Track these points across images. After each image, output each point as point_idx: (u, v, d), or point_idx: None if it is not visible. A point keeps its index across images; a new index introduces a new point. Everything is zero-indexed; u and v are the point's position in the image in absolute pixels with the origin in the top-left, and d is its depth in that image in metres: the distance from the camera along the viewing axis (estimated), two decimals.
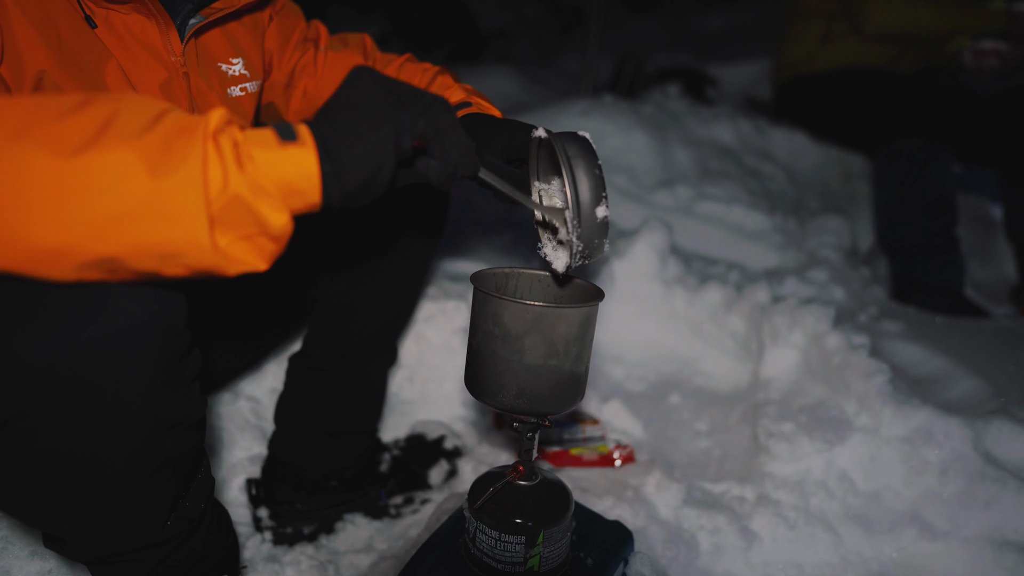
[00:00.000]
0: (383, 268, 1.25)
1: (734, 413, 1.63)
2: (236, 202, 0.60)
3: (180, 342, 0.73)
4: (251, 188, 0.61)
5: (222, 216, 0.60)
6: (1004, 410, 1.42)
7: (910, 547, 1.26)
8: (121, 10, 0.86)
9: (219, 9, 0.95)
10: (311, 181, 0.65)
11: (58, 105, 0.58)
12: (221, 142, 0.60)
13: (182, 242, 0.59)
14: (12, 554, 1.04)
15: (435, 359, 1.62)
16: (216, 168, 0.59)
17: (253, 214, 0.61)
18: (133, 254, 0.59)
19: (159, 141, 0.58)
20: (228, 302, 1.15)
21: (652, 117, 2.75)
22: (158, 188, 0.57)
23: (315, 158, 0.64)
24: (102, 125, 0.58)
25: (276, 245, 0.65)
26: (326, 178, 0.65)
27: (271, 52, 1.11)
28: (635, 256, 1.93)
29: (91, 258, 0.59)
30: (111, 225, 0.57)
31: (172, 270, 0.62)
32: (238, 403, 1.43)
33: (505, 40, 5.22)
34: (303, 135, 0.65)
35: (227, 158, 0.60)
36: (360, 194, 0.69)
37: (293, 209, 0.65)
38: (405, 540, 1.25)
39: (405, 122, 0.70)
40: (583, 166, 0.82)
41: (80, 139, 0.57)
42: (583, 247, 0.84)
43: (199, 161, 0.58)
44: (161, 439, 0.74)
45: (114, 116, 0.58)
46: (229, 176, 0.59)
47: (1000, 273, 2.72)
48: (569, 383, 0.90)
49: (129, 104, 0.60)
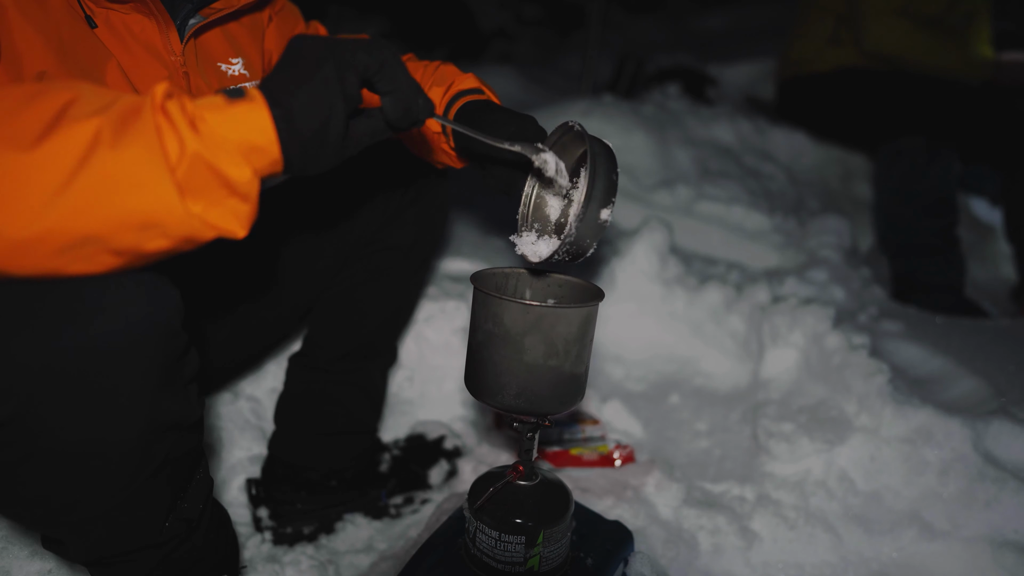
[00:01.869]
0: (383, 267, 1.25)
1: (734, 413, 1.63)
2: (197, 162, 0.60)
3: (177, 343, 0.73)
4: (207, 146, 0.61)
5: (188, 181, 0.60)
6: (1004, 410, 1.42)
7: (910, 547, 1.26)
8: (121, 10, 0.86)
9: (219, 9, 0.95)
10: (266, 134, 0.64)
11: (12, 98, 0.59)
12: (170, 109, 0.60)
13: (156, 209, 0.59)
14: (12, 554, 1.04)
15: (435, 359, 1.62)
16: (170, 135, 0.60)
17: (215, 171, 0.61)
18: (110, 229, 0.59)
19: (115, 117, 0.59)
20: (228, 301, 1.15)
21: (652, 117, 2.75)
22: (119, 158, 0.58)
23: (266, 110, 0.64)
24: (58, 112, 0.58)
25: (247, 205, 0.64)
26: (280, 129, 0.65)
27: (271, 52, 1.11)
28: (635, 256, 1.93)
29: (68, 241, 0.59)
30: (83, 203, 0.58)
31: (153, 243, 0.61)
32: (238, 403, 1.43)
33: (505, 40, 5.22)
34: (251, 92, 0.65)
35: (179, 124, 0.60)
36: (319, 147, 0.68)
37: (256, 167, 0.64)
38: (405, 540, 1.25)
39: (344, 57, 0.69)
40: (604, 166, 0.83)
41: (38, 129, 0.57)
42: (575, 239, 0.83)
43: (152, 131, 0.59)
44: (159, 440, 0.74)
45: (70, 103, 0.59)
46: (184, 140, 0.60)
47: (1000, 273, 2.72)
48: (569, 383, 0.90)
49: (83, 91, 0.61)
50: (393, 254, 1.25)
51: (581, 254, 0.87)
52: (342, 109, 0.69)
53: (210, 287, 1.10)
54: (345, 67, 0.68)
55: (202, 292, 1.09)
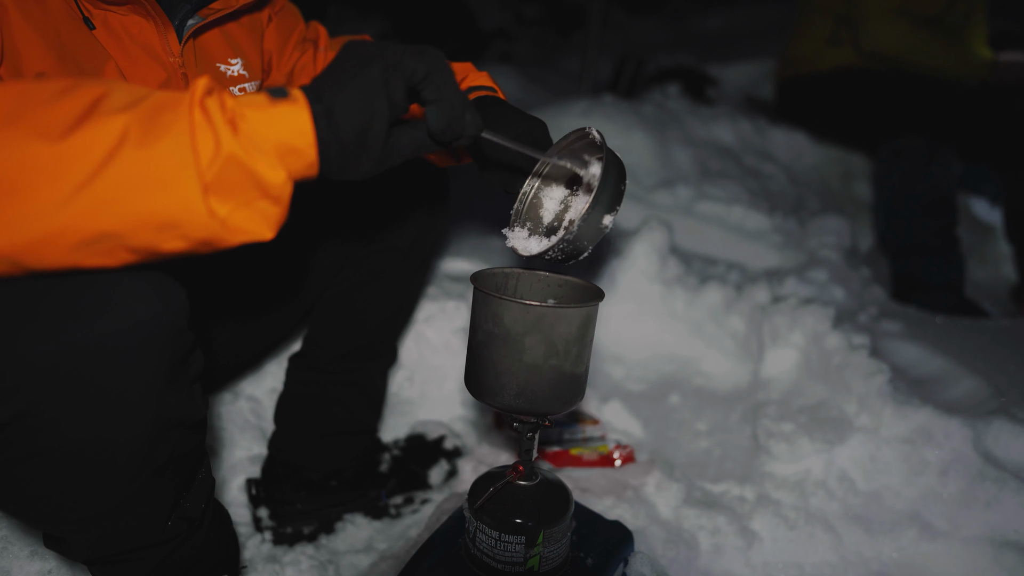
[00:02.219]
0: (383, 268, 1.25)
1: (734, 413, 1.63)
2: (232, 163, 0.59)
3: (183, 342, 0.73)
4: (245, 147, 0.60)
5: (218, 182, 0.59)
6: (1004, 410, 1.42)
7: (910, 547, 1.26)
8: (119, 11, 0.86)
9: (217, 10, 0.95)
10: (305, 136, 0.63)
11: (45, 90, 0.58)
12: (208, 106, 0.60)
13: (177, 210, 0.59)
14: (12, 554, 1.04)
15: (435, 359, 1.62)
16: (206, 134, 0.59)
17: (250, 173, 0.60)
18: (129, 227, 0.59)
19: (145, 114, 0.58)
20: (230, 301, 1.15)
21: (652, 117, 2.75)
22: (146, 156, 0.57)
23: (307, 111, 0.63)
24: (90, 105, 0.58)
25: (278, 208, 0.63)
26: (319, 128, 0.64)
27: (270, 52, 1.11)
28: (635, 256, 1.93)
29: (87, 236, 0.58)
30: (104, 200, 0.57)
31: (171, 243, 0.61)
32: (238, 403, 1.43)
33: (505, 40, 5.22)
34: (295, 93, 0.65)
35: (217, 121, 0.59)
36: (358, 150, 0.67)
37: (291, 170, 0.64)
38: (405, 540, 1.25)
39: (391, 59, 0.67)
40: (615, 175, 0.84)
41: (69, 121, 0.57)
42: (573, 239, 0.83)
43: (186, 128, 0.58)
44: (163, 439, 0.74)
45: (102, 97, 0.59)
46: (221, 138, 0.59)
47: (1000, 273, 2.72)
48: (569, 383, 0.90)
49: (116, 87, 0.60)
50: (393, 254, 1.25)
51: (576, 255, 0.86)
52: (385, 112, 0.67)
53: (213, 286, 1.10)
54: (391, 70, 0.67)
55: (206, 291, 1.09)
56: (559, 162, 0.88)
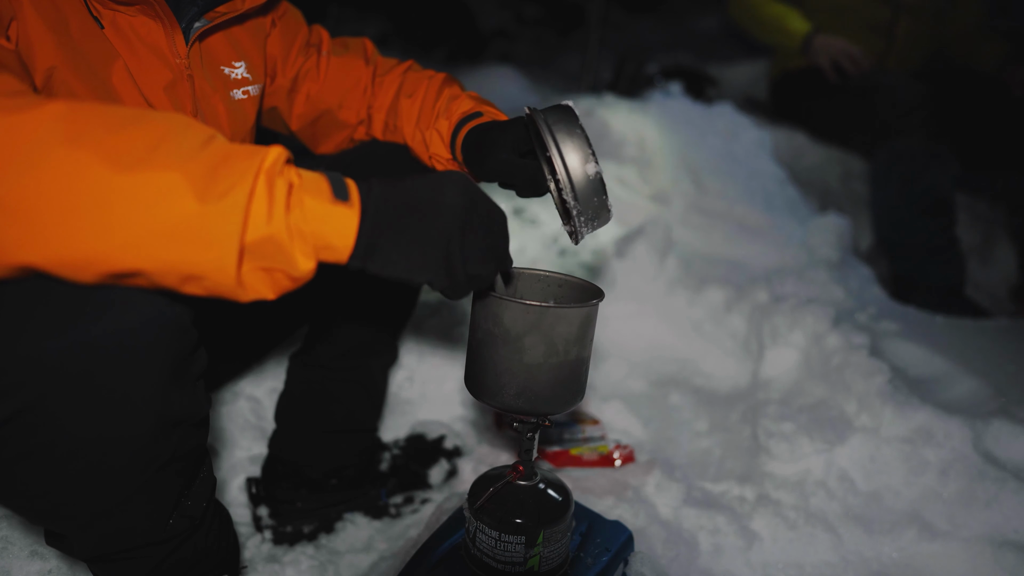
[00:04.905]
0: None
1: (734, 413, 1.63)
2: (270, 241, 0.62)
3: (187, 339, 0.73)
4: (290, 232, 0.63)
5: (253, 249, 0.62)
6: (1004, 410, 1.42)
7: (910, 547, 1.26)
8: (128, 12, 0.86)
9: (223, 13, 0.96)
10: (346, 240, 0.67)
11: (111, 116, 0.60)
12: (276, 182, 0.62)
13: (209, 267, 0.61)
14: (12, 554, 1.04)
15: (435, 359, 1.62)
16: (262, 204, 0.61)
17: (285, 255, 0.63)
18: (160, 271, 0.61)
19: (206, 166, 0.60)
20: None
21: (652, 116, 2.75)
22: (202, 212, 0.59)
23: (356, 222, 0.67)
24: (155, 143, 0.59)
25: (293, 284, 0.67)
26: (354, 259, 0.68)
27: (275, 57, 1.12)
28: (635, 256, 1.94)
29: (119, 269, 0.60)
30: (148, 242, 0.59)
31: (190, 290, 0.63)
32: (238, 403, 1.43)
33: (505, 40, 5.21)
34: (353, 195, 0.68)
35: (277, 198, 0.62)
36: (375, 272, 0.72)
37: (322, 259, 0.67)
38: (405, 540, 1.25)
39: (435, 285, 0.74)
40: (564, 129, 0.84)
41: (135, 154, 0.58)
42: (582, 207, 0.84)
43: (246, 193, 0.60)
44: (166, 437, 0.75)
45: (166, 135, 0.60)
46: (274, 216, 0.61)
47: (1000, 273, 2.72)
48: (569, 383, 0.91)
49: (179, 125, 0.62)
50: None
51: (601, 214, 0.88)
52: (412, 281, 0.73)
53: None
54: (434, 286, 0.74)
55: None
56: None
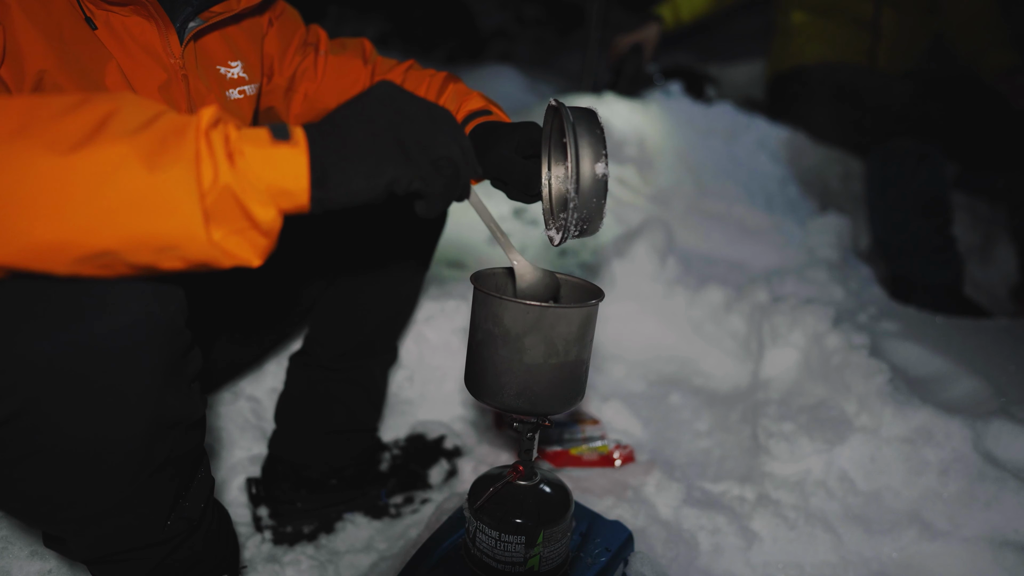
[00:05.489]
0: (383, 267, 1.25)
1: (734, 413, 1.63)
2: (226, 195, 0.61)
3: (181, 341, 0.73)
4: (239, 183, 0.61)
5: (215, 210, 0.61)
6: (1004, 410, 1.42)
7: (910, 547, 1.26)
8: (121, 12, 0.86)
9: (218, 13, 0.96)
10: (300, 182, 0.65)
11: (56, 104, 0.59)
12: (212, 138, 0.61)
13: (178, 235, 0.60)
14: (12, 554, 1.04)
15: (435, 359, 1.62)
16: (207, 163, 0.60)
17: (241, 208, 0.62)
18: (129, 247, 0.60)
19: (155, 138, 0.59)
20: (228, 299, 1.15)
21: (652, 116, 2.75)
22: (154, 182, 0.58)
23: (305, 163, 0.65)
24: (99, 123, 0.59)
25: (267, 240, 0.65)
26: (314, 186, 0.66)
27: (271, 57, 1.12)
28: (635, 256, 1.94)
29: (88, 252, 0.59)
30: (108, 219, 0.58)
31: (169, 263, 0.62)
32: (238, 403, 1.43)
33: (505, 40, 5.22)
34: (297, 137, 0.66)
35: (218, 153, 0.61)
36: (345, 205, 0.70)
37: (282, 208, 0.65)
38: (405, 540, 1.25)
39: (402, 179, 0.70)
40: (585, 124, 0.84)
41: (77, 136, 0.57)
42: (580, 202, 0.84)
43: (192, 157, 0.59)
44: (162, 438, 0.74)
45: (111, 115, 0.59)
46: (219, 170, 0.60)
47: (1000, 273, 2.72)
48: (569, 383, 0.90)
49: (126, 104, 0.61)
50: (393, 253, 1.25)
51: (594, 218, 0.86)
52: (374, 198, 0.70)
53: (212, 286, 1.10)
54: (398, 186, 0.70)
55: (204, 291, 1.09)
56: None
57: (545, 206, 0.97)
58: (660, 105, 2.91)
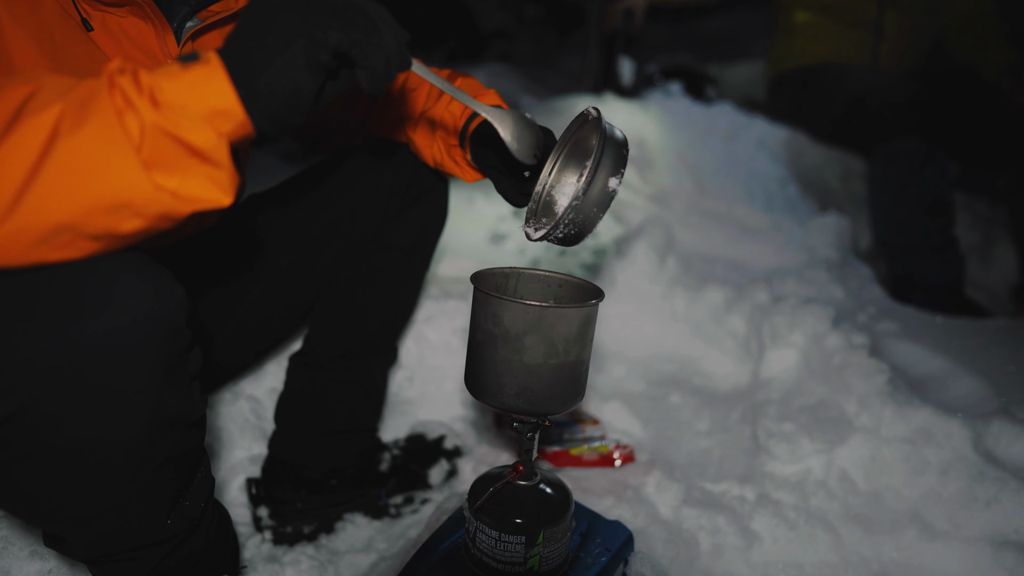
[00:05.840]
0: (384, 266, 1.25)
1: (734, 413, 1.63)
2: (158, 134, 0.59)
3: (181, 340, 0.73)
4: (167, 117, 0.60)
5: (154, 155, 0.60)
6: (1004, 410, 1.42)
7: (910, 547, 1.26)
8: (118, 13, 0.86)
9: (216, 12, 0.95)
10: (227, 96, 0.63)
11: None
12: (122, 84, 0.60)
13: (122, 190, 0.59)
14: (12, 554, 1.04)
15: (435, 359, 1.62)
16: (128, 111, 0.59)
17: (178, 141, 0.60)
18: (81, 215, 0.59)
19: (75, 104, 0.59)
20: (230, 300, 1.15)
21: (652, 116, 2.75)
22: (79, 142, 0.58)
23: (223, 73, 0.63)
24: (19, 105, 0.58)
25: (222, 171, 0.63)
26: (244, 96, 0.63)
27: None
28: (635, 256, 1.93)
29: (43, 231, 0.59)
30: (49, 193, 0.57)
31: (128, 223, 0.61)
32: (238, 403, 1.43)
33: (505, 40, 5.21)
34: (206, 55, 0.64)
35: (134, 98, 0.59)
36: (288, 115, 0.67)
37: (222, 131, 0.63)
38: (405, 540, 1.25)
39: (315, 35, 0.65)
40: (615, 140, 0.85)
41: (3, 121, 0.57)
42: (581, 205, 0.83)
43: (110, 110, 0.59)
44: (162, 437, 0.74)
45: (31, 95, 0.59)
46: (142, 113, 0.59)
47: (1000, 273, 2.72)
48: (569, 383, 0.90)
49: (46, 81, 0.61)
50: (393, 253, 1.25)
51: (586, 226, 0.86)
52: (311, 86, 0.67)
53: (213, 285, 1.10)
54: (317, 47, 0.65)
55: (205, 290, 1.09)
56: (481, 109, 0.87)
57: (531, 205, 0.96)
58: (660, 105, 2.91)
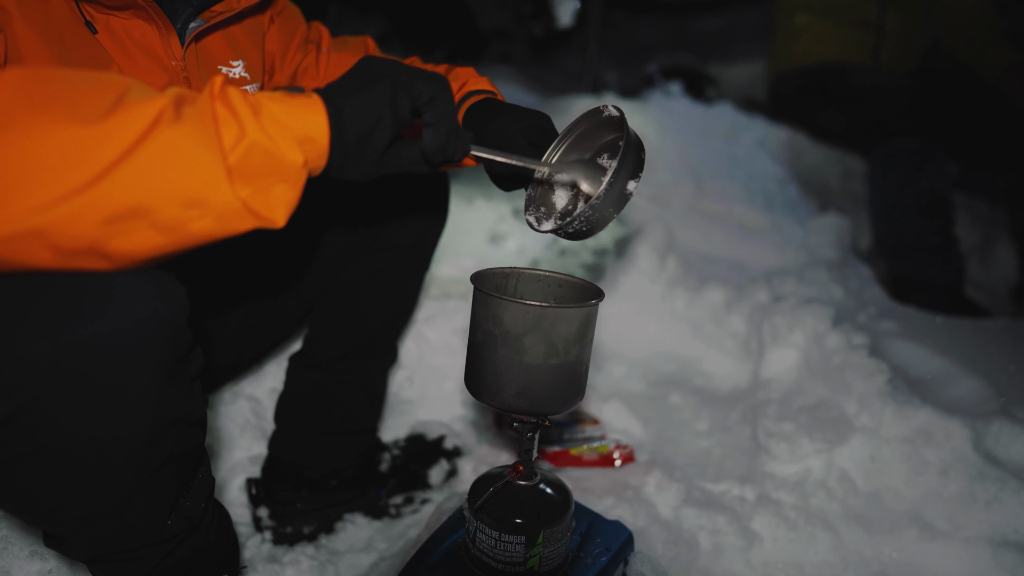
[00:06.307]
0: (384, 267, 1.25)
1: (734, 413, 1.63)
2: (255, 147, 0.63)
3: (183, 340, 0.73)
4: (267, 131, 0.64)
5: (240, 165, 0.63)
6: (1004, 410, 1.42)
7: (910, 547, 1.26)
8: (121, 15, 0.86)
9: (219, 12, 0.95)
10: (320, 127, 0.68)
11: (75, 79, 0.61)
12: (229, 95, 0.64)
13: (204, 187, 0.61)
14: (12, 554, 1.04)
15: (435, 359, 1.62)
16: (229, 121, 0.63)
17: (272, 156, 0.64)
18: (158, 202, 0.61)
19: (177, 102, 0.62)
20: (231, 300, 1.15)
21: (652, 116, 2.75)
22: (174, 135, 0.60)
23: (322, 106, 0.69)
24: (120, 95, 0.61)
25: (295, 192, 0.67)
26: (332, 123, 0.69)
27: (273, 54, 1.11)
28: (635, 256, 1.94)
29: (117, 209, 0.60)
30: (136, 175, 0.59)
31: (197, 223, 0.63)
32: (238, 403, 1.43)
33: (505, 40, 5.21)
34: (308, 91, 0.71)
35: (239, 110, 0.63)
36: (360, 151, 0.73)
37: (308, 158, 0.68)
38: (405, 540, 1.25)
39: (401, 79, 0.74)
40: (636, 144, 0.87)
41: (104, 107, 0.59)
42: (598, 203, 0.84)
43: (209, 118, 0.62)
44: (163, 437, 0.74)
45: (128, 89, 0.62)
46: (245, 124, 0.63)
47: (1000, 273, 2.72)
48: (569, 383, 0.90)
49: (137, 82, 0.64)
50: (393, 254, 1.25)
51: (599, 224, 0.87)
52: (389, 123, 0.73)
53: (214, 286, 1.10)
54: (401, 88, 0.73)
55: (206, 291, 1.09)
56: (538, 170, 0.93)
57: (530, 192, 0.97)
58: (660, 105, 2.91)
